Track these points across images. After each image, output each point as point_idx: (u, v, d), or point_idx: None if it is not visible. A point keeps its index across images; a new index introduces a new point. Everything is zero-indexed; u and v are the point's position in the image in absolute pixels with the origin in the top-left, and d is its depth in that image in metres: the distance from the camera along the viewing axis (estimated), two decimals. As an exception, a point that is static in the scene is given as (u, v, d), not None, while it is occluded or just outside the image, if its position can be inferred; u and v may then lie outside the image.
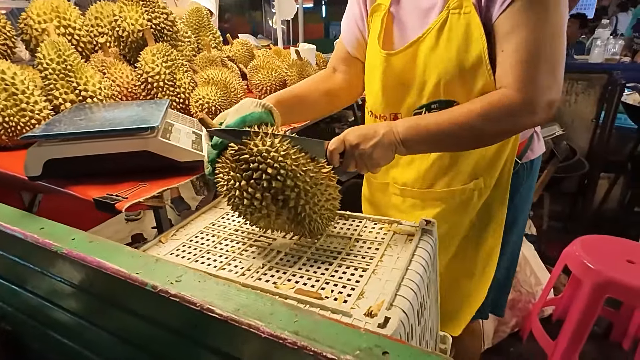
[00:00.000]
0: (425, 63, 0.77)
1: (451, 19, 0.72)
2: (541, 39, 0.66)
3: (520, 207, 0.94)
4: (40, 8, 1.14)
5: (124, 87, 1.22)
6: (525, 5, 0.65)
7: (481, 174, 0.86)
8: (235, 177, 0.62)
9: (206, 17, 1.70)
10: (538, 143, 0.94)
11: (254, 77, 1.61)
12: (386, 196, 0.98)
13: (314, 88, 0.91)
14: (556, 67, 0.68)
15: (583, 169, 2.26)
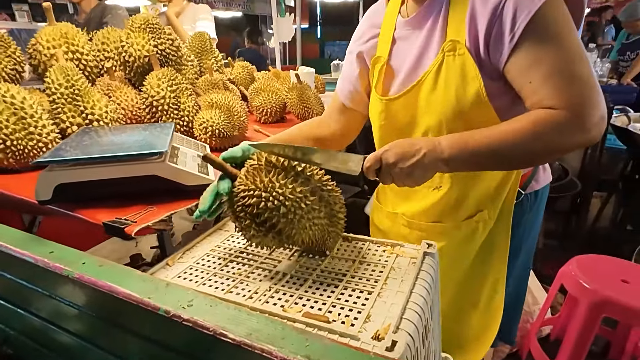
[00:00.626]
0: (426, 105, 0.79)
1: (447, 61, 0.75)
2: (568, 62, 0.66)
3: (525, 237, 0.95)
4: (50, 34, 1.17)
5: (128, 110, 1.24)
6: (535, 40, 0.66)
7: (485, 207, 0.87)
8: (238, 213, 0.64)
9: (208, 42, 1.75)
10: (544, 174, 0.95)
11: (254, 100, 1.65)
12: (395, 226, 0.99)
13: (305, 134, 0.96)
14: (594, 82, 0.67)
15: (575, 188, 2.30)
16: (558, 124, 0.65)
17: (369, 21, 0.94)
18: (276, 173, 0.63)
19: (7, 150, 0.95)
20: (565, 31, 0.67)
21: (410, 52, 0.82)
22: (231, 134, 1.21)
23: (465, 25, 0.72)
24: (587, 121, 0.65)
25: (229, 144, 1.25)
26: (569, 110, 0.65)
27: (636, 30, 3.59)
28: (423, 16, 0.79)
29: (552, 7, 0.66)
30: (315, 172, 0.67)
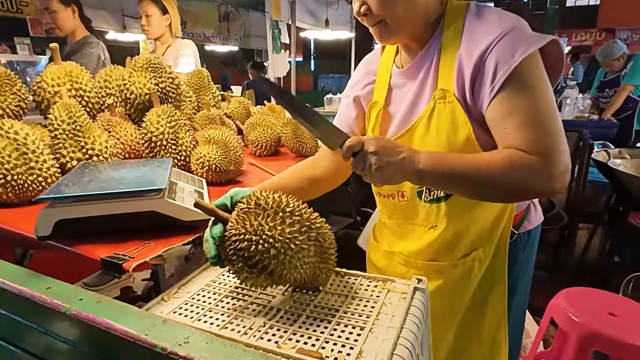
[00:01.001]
0: (420, 147, 0.82)
1: (438, 107, 0.80)
2: (540, 116, 0.71)
3: (521, 275, 0.97)
4: (55, 73, 1.22)
5: (127, 145, 1.28)
6: (513, 91, 0.72)
7: (480, 245, 0.90)
8: (230, 256, 0.67)
9: (207, 78, 1.82)
10: (535, 214, 0.98)
11: (250, 134, 1.70)
12: (392, 264, 1.01)
13: (298, 177, 0.99)
14: (562, 138, 0.71)
15: (563, 221, 2.36)
16: (529, 167, 0.69)
17: (365, 69, 1.00)
18: (265, 216, 0.66)
19: (7, 185, 0.97)
20: (540, 86, 0.73)
21: (405, 99, 0.87)
22: (227, 168, 1.24)
23: (454, 75, 0.77)
24: (554, 170, 0.69)
25: (225, 178, 1.28)
26: (540, 158, 0.69)
27: (613, 69, 3.79)
28: (416, 67, 0.85)
29: (530, 64, 0.72)
30: (303, 211, 0.70)
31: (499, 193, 0.75)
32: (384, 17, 0.79)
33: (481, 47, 0.74)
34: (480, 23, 0.77)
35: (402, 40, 0.86)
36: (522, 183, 0.70)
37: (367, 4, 0.79)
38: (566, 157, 0.70)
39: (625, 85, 3.64)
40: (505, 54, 0.72)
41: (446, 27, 0.81)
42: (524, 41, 0.72)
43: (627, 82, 3.63)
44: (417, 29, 0.83)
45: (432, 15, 0.83)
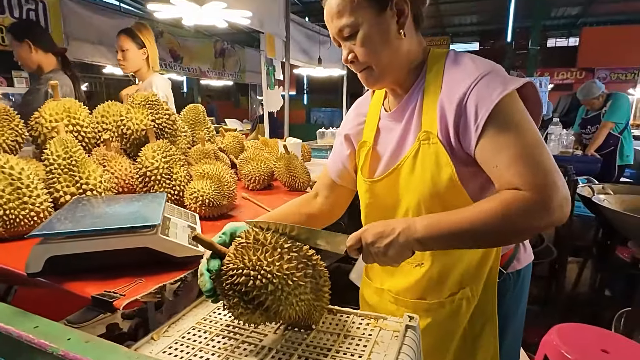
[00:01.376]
0: (405, 187, 0.87)
1: (422, 148, 0.83)
2: (529, 149, 0.72)
3: (511, 315, 0.97)
4: (53, 109, 1.25)
5: (121, 179, 1.29)
6: (498, 128, 0.73)
7: (467, 284, 0.90)
8: (226, 291, 0.67)
9: (202, 114, 1.86)
10: (524, 253, 0.98)
11: (244, 168, 1.72)
12: (382, 301, 1.02)
13: (294, 212, 1.02)
14: (555, 168, 0.71)
15: (552, 254, 2.38)
16: (524, 205, 0.68)
17: (356, 110, 1.05)
18: (264, 251, 0.67)
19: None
20: (523, 121, 0.74)
21: (392, 140, 0.91)
22: (220, 203, 1.25)
23: (437, 118, 0.81)
24: (551, 203, 0.68)
25: (218, 213, 1.29)
26: (535, 193, 0.68)
27: (593, 107, 3.96)
28: (402, 110, 0.89)
29: (509, 102, 0.75)
30: (300, 247, 0.71)
31: (502, 238, 0.75)
32: (370, 64, 0.84)
33: (460, 92, 0.77)
34: (458, 69, 0.81)
35: (388, 85, 0.91)
36: (521, 223, 0.70)
37: (354, 52, 0.84)
38: (562, 188, 0.70)
39: (606, 122, 3.78)
40: (484, 94, 0.75)
41: (428, 72, 0.85)
42: (501, 82, 0.75)
43: (608, 120, 3.78)
44: (401, 74, 0.87)
45: (414, 62, 0.87)
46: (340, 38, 0.84)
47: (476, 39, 14.24)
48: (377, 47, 0.82)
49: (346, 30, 0.82)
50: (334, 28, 0.83)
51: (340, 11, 0.80)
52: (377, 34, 0.81)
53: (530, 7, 9.47)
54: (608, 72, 11.50)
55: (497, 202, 0.70)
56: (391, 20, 0.81)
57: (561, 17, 12.87)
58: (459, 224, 0.71)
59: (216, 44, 7.75)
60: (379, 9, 0.80)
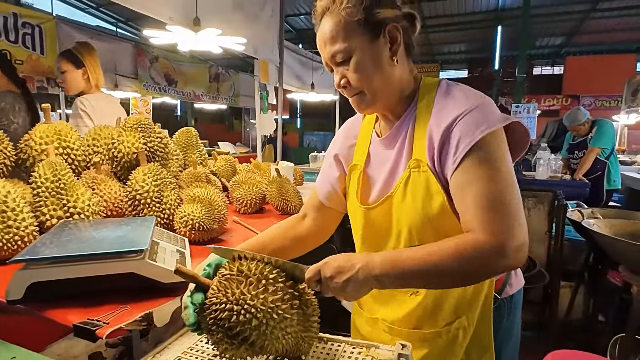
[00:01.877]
0: (398, 214, 0.87)
1: (413, 176, 0.83)
2: (497, 189, 0.73)
3: (506, 341, 0.97)
4: (44, 132, 1.24)
5: (110, 203, 1.27)
6: (474, 163, 0.75)
7: (463, 313, 0.89)
8: (209, 326, 0.65)
9: (194, 137, 1.87)
10: (516, 277, 0.98)
11: (235, 191, 1.71)
12: (375, 331, 0.99)
13: (281, 235, 1.01)
14: (517, 213, 0.72)
15: (544, 279, 2.37)
16: (479, 249, 0.69)
17: (346, 132, 1.05)
18: (247, 284, 0.65)
19: (-19, 244, 0.94)
20: (499, 162, 0.75)
21: (384, 167, 0.91)
22: (211, 227, 1.24)
23: (426, 146, 0.82)
24: (506, 249, 0.69)
25: (209, 237, 1.27)
26: (491, 238, 0.70)
27: (579, 133, 4.06)
28: (393, 137, 0.90)
29: (491, 140, 0.76)
30: (286, 276, 0.70)
31: (458, 280, 0.76)
32: (362, 89, 0.85)
33: (447, 121, 0.79)
34: (449, 99, 0.83)
35: (379, 110, 0.92)
36: (476, 266, 0.71)
37: (346, 77, 0.85)
38: (521, 233, 0.71)
39: (593, 147, 3.87)
40: (468, 128, 0.76)
41: (420, 101, 0.87)
42: (487, 119, 0.76)
43: (594, 145, 3.87)
44: (392, 101, 0.89)
45: (406, 90, 0.89)
46: (333, 63, 0.85)
47: (465, 66, 14.67)
48: (370, 73, 0.83)
49: (339, 56, 0.82)
50: (327, 53, 0.84)
51: (333, 37, 0.81)
52: (370, 60, 0.82)
53: (516, 37, 9.84)
54: (592, 99, 11.86)
55: (452, 244, 0.71)
56: (384, 47, 0.83)
57: (546, 46, 13.38)
58: (412, 264, 0.71)
59: (211, 69, 7.88)
60: (372, 36, 0.81)
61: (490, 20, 10.99)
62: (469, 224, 0.74)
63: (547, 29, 11.41)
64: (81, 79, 2.28)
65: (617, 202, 4.45)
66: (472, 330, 0.90)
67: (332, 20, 0.81)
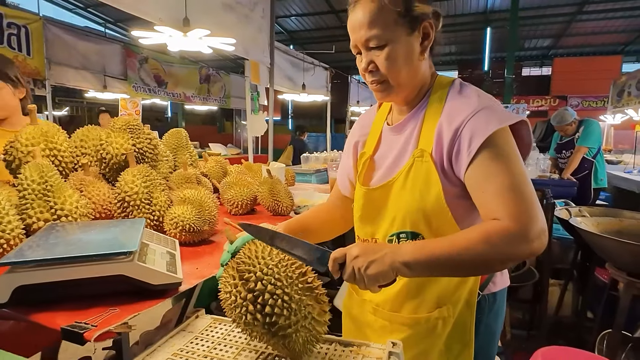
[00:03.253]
0: (396, 199, 0.91)
1: (416, 164, 0.88)
2: (515, 180, 0.77)
3: (486, 337, 0.98)
4: (30, 133, 1.22)
5: (99, 205, 1.26)
6: (490, 157, 0.78)
7: (444, 303, 0.91)
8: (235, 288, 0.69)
9: (184, 138, 1.85)
10: (501, 277, 1.00)
11: (226, 193, 1.70)
12: (363, 313, 1.03)
13: (319, 219, 1.12)
14: (536, 201, 0.76)
15: (534, 277, 2.40)
16: (506, 234, 0.72)
17: (361, 122, 1.11)
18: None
19: (-35, 248, 0.92)
20: (512, 155, 0.79)
21: (391, 152, 0.96)
22: (201, 228, 1.23)
23: (434, 139, 0.86)
24: (530, 233, 0.72)
25: (199, 238, 1.26)
26: (516, 223, 0.72)
27: (567, 133, 4.12)
28: (404, 126, 0.95)
29: (502, 135, 0.80)
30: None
31: (483, 266, 0.78)
32: (388, 78, 0.87)
33: (458, 120, 0.82)
34: (461, 98, 0.87)
35: (397, 101, 0.96)
36: (502, 253, 0.73)
37: (374, 62, 0.86)
38: (541, 220, 0.74)
39: (580, 147, 3.93)
40: (480, 125, 0.80)
41: (432, 95, 0.91)
42: (497, 117, 0.81)
43: (581, 145, 3.93)
44: (412, 93, 0.93)
45: (424, 85, 0.93)
46: (364, 47, 0.86)
47: (455, 67, 14.80)
48: (400, 65, 0.86)
49: (373, 41, 0.84)
50: (361, 37, 0.85)
51: (372, 21, 0.83)
52: (404, 53, 0.85)
53: (504, 39, 9.97)
54: (580, 99, 12.06)
55: (481, 231, 0.74)
56: (416, 42, 0.86)
57: (534, 48, 13.57)
58: (445, 252, 0.73)
59: (201, 70, 7.83)
60: (409, 30, 0.85)
61: (479, 22, 11.12)
62: (493, 213, 0.76)
63: (535, 31, 11.59)
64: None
65: (604, 200, 4.53)
66: (452, 322, 0.92)
67: (373, 4, 0.82)
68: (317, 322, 0.71)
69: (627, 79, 7.89)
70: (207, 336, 0.82)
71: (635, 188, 4.15)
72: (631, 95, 7.62)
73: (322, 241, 1.03)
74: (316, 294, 0.72)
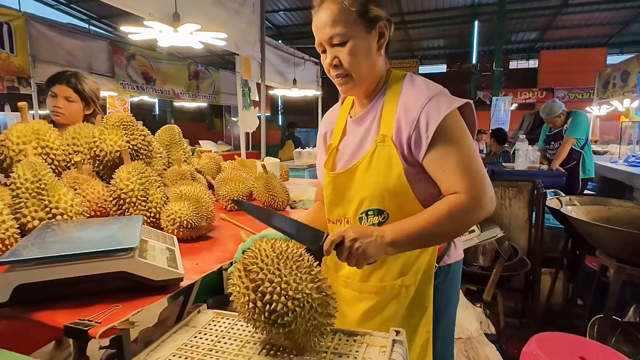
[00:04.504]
0: (361, 181, 1.02)
1: (378, 149, 0.99)
2: (467, 159, 0.93)
3: (443, 304, 1.10)
4: (21, 131, 1.20)
5: (94, 203, 1.24)
6: (444, 139, 0.93)
7: (406, 273, 1.04)
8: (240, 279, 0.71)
9: (178, 135, 1.84)
10: (455, 251, 1.13)
11: (221, 189, 1.70)
12: (335, 286, 1.11)
13: (317, 219, 1.18)
14: (485, 175, 0.93)
15: (526, 266, 2.45)
16: (463, 205, 0.90)
17: (328, 118, 1.23)
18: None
19: (-41, 248, 0.90)
20: (463, 135, 0.94)
21: (354, 141, 1.08)
22: (199, 224, 1.22)
23: (394, 125, 0.98)
24: (482, 201, 0.91)
25: (197, 234, 1.26)
26: (470, 194, 0.90)
27: (555, 125, 4.18)
28: (364, 117, 1.07)
29: (451, 118, 0.93)
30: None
31: (451, 234, 1.00)
32: (350, 72, 0.99)
33: (415, 109, 0.95)
34: (414, 89, 1.00)
35: (359, 94, 1.07)
36: (462, 219, 0.91)
37: (338, 57, 0.98)
38: (489, 191, 0.92)
39: (568, 138, 3.99)
40: (433, 111, 0.93)
41: (388, 89, 1.04)
42: (446, 102, 0.94)
43: (569, 136, 3.99)
44: (371, 86, 1.05)
45: (381, 78, 1.06)
46: (329, 44, 0.98)
47: (443, 61, 14.89)
48: (361, 59, 0.97)
49: (337, 38, 0.96)
50: (326, 35, 0.96)
51: (335, 20, 0.95)
52: (363, 48, 0.97)
53: (492, 32, 10.04)
54: (566, 91, 12.23)
55: (444, 206, 0.91)
56: (373, 40, 0.99)
57: (521, 41, 13.70)
58: (419, 227, 0.90)
59: (190, 67, 7.74)
60: (367, 29, 0.97)
61: (466, 15, 11.18)
62: (452, 188, 0.92)
63: (522, 24, 11.69)
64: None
65: (591, 190, 4.62)
66: (413, 290, 1.04)
67: (334, 6, 0.95)
68: (319, 313, 0.71)
69: (612, 70, 8.04)
70: (210, 330, 0.82)
71: (620, 177, 4.24)
72: (616, 87, 7.78)
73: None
74: (319, 284, 0.73)
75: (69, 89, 1.84)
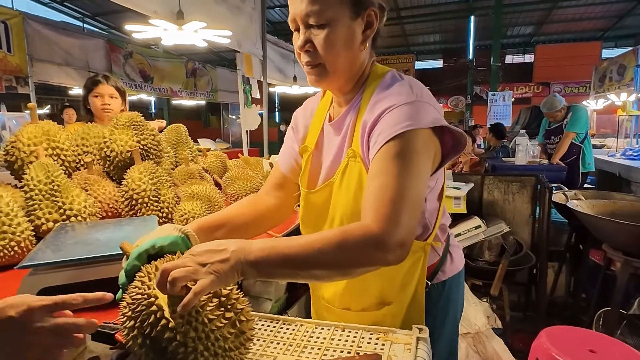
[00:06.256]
0: (335, 201, 0.88)
1: (350, 165, 0.84)
2: (400, 185, 0.70)
3: (439, 324, 0.94)
4: (32, 132, 1.19)
5: (105, 204, 1.24)
6: (388, 156, 0.73)
7: (392, 300, 0.88)
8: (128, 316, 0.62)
9: (184, 134, 1.83)
10: (451, 264, 0.96)
11: (229, 187, 1.69)
12: (319, 309, 1.02)
13: (240, 212, 0.94)
14: (412, 213, 0.70)
15: (531, 261, 2.46)
16: (363, 237, 0.66)
17: (304, 112, 1.03)
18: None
19: (-24, 252, 0.90)
20: (413, 162, 0.72)
21: (331, 151, 0.91)
22: (212, 224, 1.22)
23: (359, 135, 0.82)
24: (389, 240, 0.66)
25: (209, 234, 1.25)
26: (377, 226, 0.66)
27: (556, 119, 4.20)
28: (341, 123, 0.89)
29: (412, 138, 0.73)
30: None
31: (336, 266, 0.68)
32: (324, 62, 0.80)
33: (377, 113, 0.78)
34: (385, 92, 0.81)
35: (332, 88, 0.89)
36: (354, 254, 0.67)
37: (312, 42, 0.79)
38: (406, 230, 0.68)
39: (568, 133, 4.02)
40: (393, 121, 0.75)
41: (365, 90, 0.86)
42: (415, 117, 0.74)
43: (570, 130, 4.02)
44: (348, 84, 0.86)
45: (362, 76, 0.87)
46: (303, 23, 0.79)
47: (440, 56, 14.88)
48: (339, 49, 0.79)
49: (313, 18, 0.76)
50: (301, 10, 0.77)
51: None
52: (344, 37, 0.79)
53: (488, 27, 10.05)
54: (562, 85, 12.29)
55: (341, 231, 0.68)
56: (359, 29, 0.80)
57: (516, 35, 13.73)
58: (297, 250, 0.65)
59: (187, 64, 7.70)
60: (353, 14, 0.78)
61: (462, 10, 11.17)
62: (364, 211, 0.71)
63: (518, 19, 11.71)
64: None
65: (590, 184, 4.65)
66: (402, 316, 0.88)
67: None
68: (224, 338, 0.60)
69: (609, 64, 8.07)
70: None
71: (618, 170, 4.27)
72: (612, 81, 7.80)
73: (251, 236, 0.93)
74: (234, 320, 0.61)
75: (112, 88, 2.00)
